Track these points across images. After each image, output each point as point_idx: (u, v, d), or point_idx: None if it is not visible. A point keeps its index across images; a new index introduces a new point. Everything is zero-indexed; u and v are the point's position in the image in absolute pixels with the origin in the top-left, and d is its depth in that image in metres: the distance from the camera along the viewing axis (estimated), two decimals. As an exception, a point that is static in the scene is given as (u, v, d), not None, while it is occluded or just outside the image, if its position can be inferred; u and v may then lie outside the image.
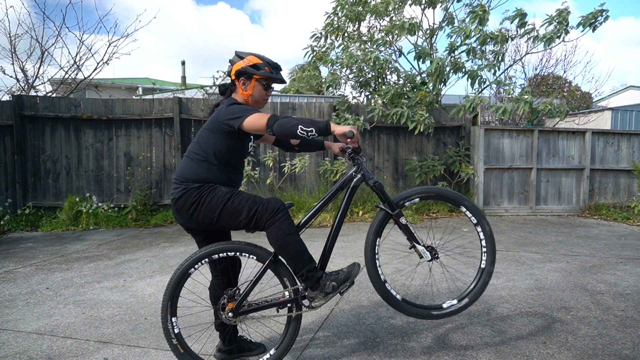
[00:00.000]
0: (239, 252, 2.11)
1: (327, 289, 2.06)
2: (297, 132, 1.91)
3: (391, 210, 2.23)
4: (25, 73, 8.53)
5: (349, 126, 2.02)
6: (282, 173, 7.05)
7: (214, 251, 2.08)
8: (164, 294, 2.07)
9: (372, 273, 2.24)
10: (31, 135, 6.89)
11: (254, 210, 2.02)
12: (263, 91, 2.19)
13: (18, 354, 2.48)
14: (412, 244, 2.29)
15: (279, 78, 2.21)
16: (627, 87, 18.85)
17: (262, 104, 2.25)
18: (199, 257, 2.07)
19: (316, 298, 2.07)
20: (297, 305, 2.13)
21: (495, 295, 3.37)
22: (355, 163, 2.23)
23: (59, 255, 4.81)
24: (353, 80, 7.91)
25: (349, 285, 2.10)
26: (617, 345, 2.50)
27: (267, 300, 2.17)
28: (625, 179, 7.66)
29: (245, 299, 2.11)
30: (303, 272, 2.05)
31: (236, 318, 2.12)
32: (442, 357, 2.37)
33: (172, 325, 2.06)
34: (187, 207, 2.06)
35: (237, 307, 2.09)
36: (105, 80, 12.43)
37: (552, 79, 12.18)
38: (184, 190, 2.08)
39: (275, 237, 2.01)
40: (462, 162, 7.16)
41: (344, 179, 2.25)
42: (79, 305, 3.26)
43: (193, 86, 11.39)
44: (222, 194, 2.05)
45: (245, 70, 2.15)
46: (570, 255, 4.59)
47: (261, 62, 2.15)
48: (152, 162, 7.10)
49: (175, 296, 2.06)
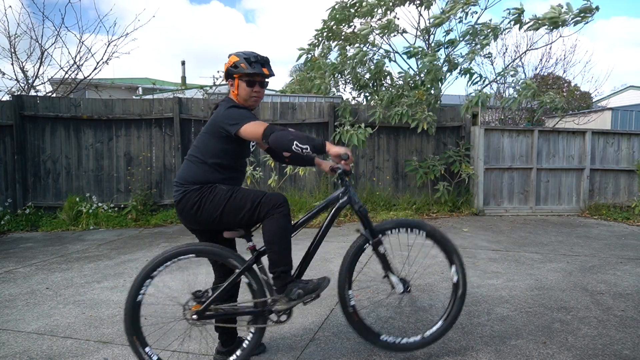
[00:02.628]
0: (210, 256, 2.10)
1: (292, 295, 2.04)
2: (292, 147, 1.90)
3: (372, 237, 2.21)
4: (25, 73, 8.53)
5: (344, 148, 2.02)
6: (283, 173, 7.05)
7: (180, 252, 2.05)
8: (125, 304, 2.04)
9: (342, 298, 2.21)
10: (31, 135, 6.89)
11: (257, 202, 2.02)
12: (247, 89, 2.13)
13: (18, 354, 2.48)
14: (386, 274, 2.26)
15: (256, 72, 2.10)
16: (627, 87, 18.86)
17: (253, 101, 2.18)
18: (163, 260, 2.05)
19: (279, 301, 2.06)
20: (262, 318, 2.12)
21: (495, 295, 3.37)
22: (343, 184, 2.21)
23: (59, 255, 4.81)
24: (351, 83, 7.92)
25: (314, 298, 2.08)
26: (617, 345, 2.50)
27: (235, 308, 2.15)
28: (625, 179, 7.66)
29: (212, 303, 2.08)
30: (277, 271, 2.04)
31: (200, 321, 2.08)
32: (442, 357, 2.37)
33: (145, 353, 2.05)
34: (188, 208, 2.07)
35: (202, 311, 2.06)
36: (105, 80, 12.42)
37: (552, 79, 12.19)
38: (184, 193, 2.09)
39: (270, 229, 2.01)
40: (462, 162, 7.15)
41: (330, 198, 2.23)
42: (79, 305, 3.26)
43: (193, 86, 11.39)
44: (223, 192, 2.06)
45: (228, 71, 2.15)
46: (571, 255, 4.59)
47: (238, 59, 2.11)
48: (152, 162, 7.10)
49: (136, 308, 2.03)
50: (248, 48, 6.20)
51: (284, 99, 12.29)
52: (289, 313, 2.14)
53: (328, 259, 4.47)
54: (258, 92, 2.17)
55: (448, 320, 2.30)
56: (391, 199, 7.29)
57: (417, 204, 7.17)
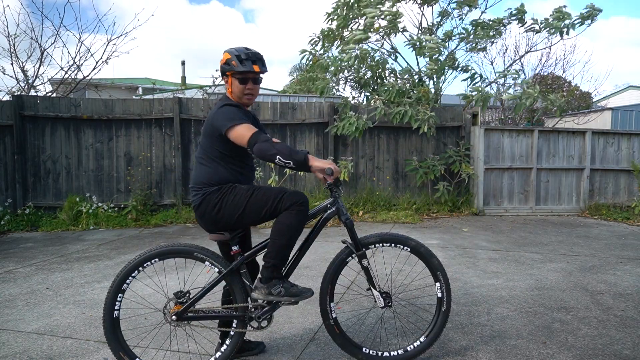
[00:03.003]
0: (194, 257, 2.10)
1: (273, 289, 2.03)
2: (275, 160, 1.90)
3: (356, 249, 2.21)
4: (25, 73, 8.53)
5: (329, 162, 2.01)
6: (283, 173, 7.05)
7: (143, 260, 2.06)
8: (103, 322, 2.06)
9: (324, 310, 2.21)
10: (31, 135, 6.89)
11: (279, 197, 2.02)
12: (240, 86, 2.10)
13: (18, 354, 2.48)
14: (369, 287, 2.26)
15: (247, 70, 2.06)
16: (627, 87, 18.86)
17: (247, 99, 2.15)
18: (145, 259, 2.06)
19: (258, 289, 2.06)
20: (242, 323, 2.12)
21: (495, 295, 3.37)
22: (332, 195, 2.21)
23: (59, 255, 4.81)
24: (352, 82, 7.92)
25: (292, 302, 2.08)
26: (617, 345, 2.50)
27: (215, 311, 2.15)
28: (625, 179, 7.66)
29: (193, 305, 2.09)
30: (271, 261, 2.04)
31: (179, 322, 2.08)
32: (442, 357, 2.37)
33: None
34: (209, 209, 2.07)
35: (182, 312, 2.07)
36: (105, 80, 12.42)
37: (552, 78, 12.19)
38: (203, 195, 2.08)
39: (284, 221, 2.01)
40: (462, 162, 7.15)
41: (318, 208, 2.23)
42: (79, 305, 3.26)
43: (193, 86, 11.39)
44: (243, 191, 2.07)
45: (222, 69, 2.14)
46: (571, 255, 4.59)
47: (230, 57, 2.09)
48: (152, 162, 7.10)
49: (115, 324, 2.06)
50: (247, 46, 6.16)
51: (284, 99, 12.30)
52: (269, 319, 2.14)
53: (328, 259, 4.45)
54: (251, 89, 2.13)
55: (431, 336, 2.29)
56: (391, 199, 7.29)
57: (417, 204, 7.17)
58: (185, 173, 7.11)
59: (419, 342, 2.29)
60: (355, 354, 2.24)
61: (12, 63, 8.37)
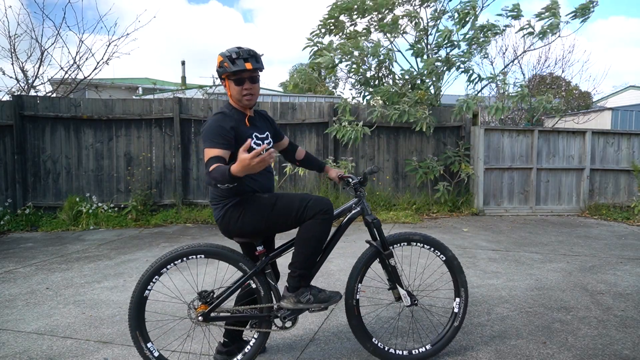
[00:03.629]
0: (219, 258, 2.08)
1: (302, 297, 2.02)
2: (219, 186, 1.80)
3: (383, 249, 2.19)
4: (25, 73, 8.52)
5: (248, 155, 1.65)
6: (283, 173, 7.05)
7: (189, 252, 2.04)
8: (131, 298, 2.03)
9: (350, 289, 2.20)
10: (31, 135, 6.89)
11: (304, 204, 1.98)
12: (237, 87, 2.02)
13: (18, 354, 2.48)
14: (393, 285, 2.25)
15: (239, 69, 1.97)
16: (627, 87, 18.88)
17: (247, 99, 2.04)
18: (172, 258, 2.04)
19: (287, 299, 2.04)
20: (267, 323, 2.11)
21: (495, 295, 3.37)
22: (357, 195, 2.22)
23: (59, 255, 4.81)
24: (353, 79, 7.91)
25: (322, 309, 2.07)
26: (617, 345, 2.50)
27: (240, 311, 2.12)
28: (625, 179, 7.66)
29: (220, 305, 2.07)
30: (297, 271, 2.02)
31: (206, 323, 2.06)
32: (442, 357, 2.37)
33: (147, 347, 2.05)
34: (233, 222, 2.02)
35: (209, 312, 2.05)
36: (105, 80, 12.42)
37: (550, 78, 12.19)
38: (224, 208, 2.04)
39: (309, 231, 1.98)
40: (462, 162, 7.15)
41: (343, 208, 2.24)
42: (79, 305, 3.26)
43: (193, 86, 11.39)
44: (265, 200, 2.02)
45: (218, 73, 2.08)
46: (570, 255, 4.59)
47: (222, 59, 2.02)
48: (152, 162, 7.10)
49: (142, 303, 2.03)
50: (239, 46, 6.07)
51: (284, 99, 12.30)
52: (294, 320, 2.12)
53: (328, 259, 4.45)
54: (249, 88, 2.03)
55: (437, 346, 2.31)
56: (391, 199, 7.29)
57: (417, 204, 7.17)
58: (185, 173, 7.11)
59: (425, 349, 2.30)
60: (365, 341, 2.23)
61: (12, 63, 8.38)
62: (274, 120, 2.36)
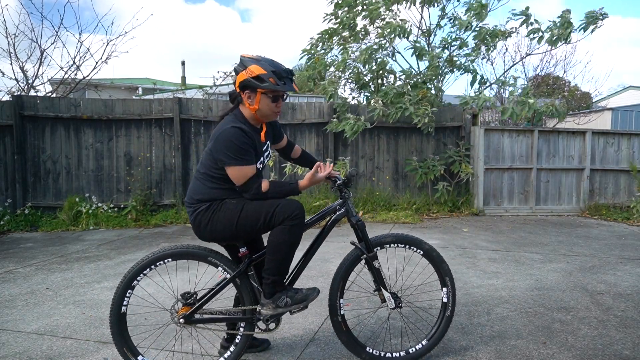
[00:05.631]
0: (189, 258, 2.09)
1: (279, 302, 2.01)
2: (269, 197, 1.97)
3: (367, 251, 2.19)
4: (25, 73, 8.52)
5: (317, 176, 2.06)
6: (283, 173, 7.05)
7: (157, 258, 2.04)
8: (110, 317, 2.03)
9: (333, 306, 2.20)
10: (31, 135, 6.89)
11: (271, 211, 1.94)
12: (271, 104, 1.96)
13: (18, 354, 2.48)
14: (377, 288, 2.24)
15: (287, 89, 1.94)
16: (627, 87, 18.88)
17: (274, 116, 2.05)
18: (159, 257, 2.04)
19: (266, 306, 2.03)
20: (250, 325, 2.11)
21: (495, 295, 3.37)
22: (341, 196, 2.19)
23: (59, 255, 4.80)
24: (352, 83, 7.92)
25: (302, 308, 2.05)
26: (617, 346, 2.50)
27: (222, 312, 2.12)
28: (625, 179, 7.66)
29: (202, 307, 2.07)
30: (270, 277, 2.00)
31: (188, 324, 2.06)
32: (442, 357, 2.37)
33: None
34: (203, 226, 2.02)
35: (191, 314, 2.05)
36: (105, 80, 12.42)
37: (552, 79, 12.18)
38: (194, 212, 2.03)
39: (277, 239, 1.95)
40: (462, 162, 7.15)
41: (327, 209, 2.22)
42: (79, 305, 3.26)
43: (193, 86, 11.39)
44: (232, 206, 1.99)
45: (249, 83, 1.91)
46: (570, 256, 4.59)
47: (265, 72, 1.88)
48: (152, 162, 7.10)
49: (122, 319, 2.03)
50: (246, 47, 6.04)
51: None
52: (277, 321, 2.13)
53: (328, 259, 4.47)
54: (280, 106, 2.02)
55: (433, 340, 2.30)
56: (391, 199, 7.29)
57: (417, 204, 7.17)
58: (185, 173, 7.11)
59: (421, 345, 2.29)
60: (359, 352, 2.24)
61: (12, 63, 8.38)
62: (277, 121, 2.33)
